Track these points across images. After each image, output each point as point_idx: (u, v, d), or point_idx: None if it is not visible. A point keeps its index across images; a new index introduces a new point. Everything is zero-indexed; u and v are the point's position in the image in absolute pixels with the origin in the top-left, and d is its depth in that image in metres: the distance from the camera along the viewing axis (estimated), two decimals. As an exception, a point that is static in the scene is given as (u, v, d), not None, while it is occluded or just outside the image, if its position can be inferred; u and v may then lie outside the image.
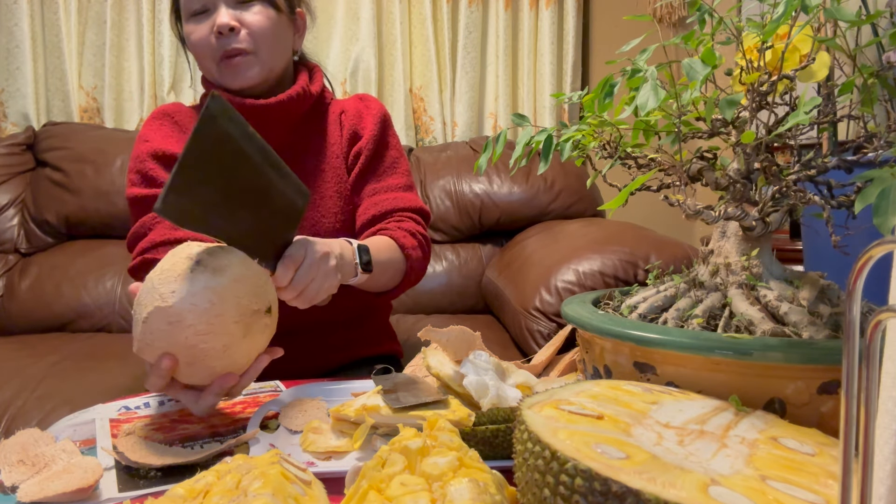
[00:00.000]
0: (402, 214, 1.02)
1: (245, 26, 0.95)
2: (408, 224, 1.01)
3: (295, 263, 0.70)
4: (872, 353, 0.25)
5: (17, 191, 1.91)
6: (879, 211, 0.37)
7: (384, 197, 1.03)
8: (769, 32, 0.47)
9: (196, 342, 0.58)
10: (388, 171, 1.07)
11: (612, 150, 0.59)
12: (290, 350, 1.03)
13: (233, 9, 0.95)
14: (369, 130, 1.06)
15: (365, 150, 1.05)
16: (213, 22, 0.94)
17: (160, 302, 0.58)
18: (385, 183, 1.05)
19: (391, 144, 1.09)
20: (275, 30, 0.98)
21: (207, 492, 0.41)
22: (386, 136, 1.09)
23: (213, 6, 0.95)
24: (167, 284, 0.58)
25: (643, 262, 1.35)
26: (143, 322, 0.58)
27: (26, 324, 1.70)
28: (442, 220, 1.98)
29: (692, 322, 0.51)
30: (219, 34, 0.94)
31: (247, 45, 0.95)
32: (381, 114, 1.09)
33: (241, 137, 0.62)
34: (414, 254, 0.99)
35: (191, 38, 0.96)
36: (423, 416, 0.57)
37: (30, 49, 2.06)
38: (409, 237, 0.99)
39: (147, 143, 1.00)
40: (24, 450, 0.56)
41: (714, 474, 0.33)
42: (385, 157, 1.07)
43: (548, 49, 2.35)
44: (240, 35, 0.95)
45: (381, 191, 1.04)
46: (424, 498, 0.37)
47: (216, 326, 0.58)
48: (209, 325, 0.58)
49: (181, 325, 0.57)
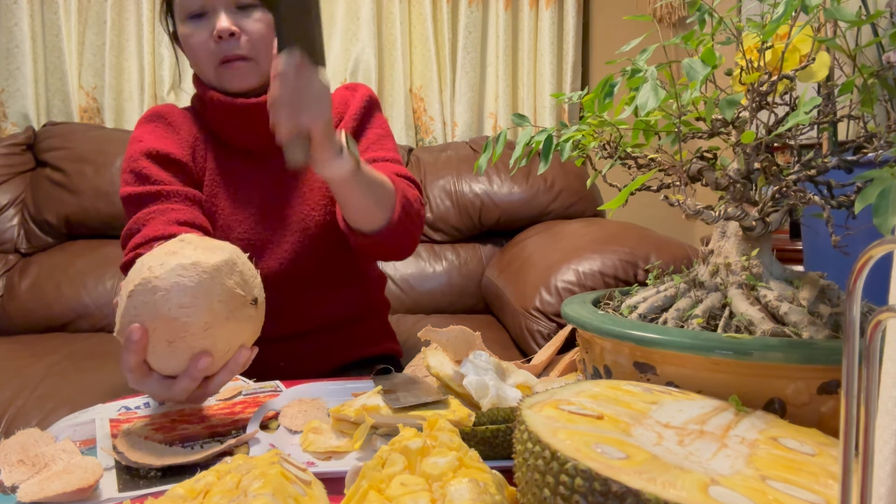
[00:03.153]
0: (393, 178, 0.96)
1: (245, 33, 0.95)
2: (401, 183, 0.95)
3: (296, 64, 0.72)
4: (872, 353, 0.25)
5: (17, 191, 1.91)
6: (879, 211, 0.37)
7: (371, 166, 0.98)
8: (769, 32, 0.47)
9: (178, 315, 0.58)
10: (373, 147, 1.03)
11: (612, 150, 0.59)
12: (291, 350, 1.04)
13: (233, 14, 0.94)
14: (351, 111, 1.05)
15: (346, 127, 1.02)
16: (213, 26, 0.93)
17: (147, 273, 0.58)
18: (369, 156, 1.01)
19: (375, 124, 1.06)
20: (273, 37, 0.98)
21: (207, 492, 0.41)
22: (370, 115, 1.06)
23: (212, 10, 0.94)
24: (156, 258, 0.59)
25: (643, 262, 1.35)
26: (128, 297, 0.58)
27: (26, 324, 1.70)
28: (442, 220, 1.98)
29: (692, 322, 0.51)
30: (219, 38, 0.93)
31: (246, 52, 0.95)
32: (367, 96, 1.07)
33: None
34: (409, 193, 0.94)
35: (188, 40, 0.96)
36: (423, 416, 0.57)
37: (30, 49, 2.06)
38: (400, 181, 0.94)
39: (140, 143, 1.00)
40: (24, 450, 0.56)
41: (714, 474, 0.33)
42: (368, 134, 1.05)
43: (548, 49, 2.35)
44: (240, 41, 0.94)
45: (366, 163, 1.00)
46: (424, 498, 0.37)
47: (200, 300, 0.58)
48: (194, 299, 0.58)
49: (166, 295, 0.57)
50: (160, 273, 0.58)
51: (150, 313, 0.58)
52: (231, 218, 1.01)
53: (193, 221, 0.95)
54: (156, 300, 0.57)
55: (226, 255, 0.61)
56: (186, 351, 0.59)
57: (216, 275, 0.59)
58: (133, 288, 0.58)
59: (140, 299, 0.58)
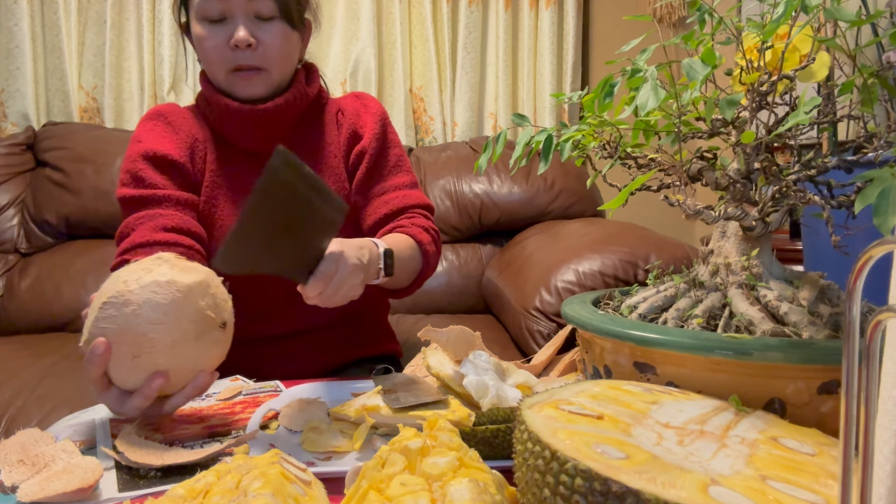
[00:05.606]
0: (413, 211, 1.04)
1: (261, 44, 0.95)
2: (420, 220, 1.02)
3: (326, 280, 0.70)
4: (872, 353, 0.25)
5: (17, 191, 1.91)
6: (879, 211, 0.37)
7: (393, 196, 1.04)
8: (769, 32, 0.47)
9: (147, 330, 0.58)
10: (394, 170, 1.08)
11: (612, 150, 0.59)
12: (291, 350, 1.04)
13: (251, 23, 0.94)
14: (370, 130, 1.06)
15: (369, 150, 1.05)
16: (230, 34, 0.93)
17: (122, 286, 0.59)
18: (392, 182, 1.06)
19: (393, 143, 1.10)
20: (289, 49, 0.98)
21: (207, 492, 0.41)
22: (387, 134, 1.09)
23: (230, 17, 0.94)
24: (131, 273, 0.60)
25: (643, 262, 1.35)
26: (100, 308, 0.59)
27: (26, 324, 1.70)
28: (442, 220, 1.98)
29: (692, 322, 0.51)
30: (235, 47, 0.94)
31: (261, 63, 0.95)
32: (381, 113, 1.10)
33: (298, 181, 0.64)
34: (430, 249, 1.00)
35: (203, 42, 0.96)
36: (423, 416, 0.57)
37: (30, 49, 2.06)
38: (424, 233, 1.00)
39: (139, 144, 1.00)
40: (24, 450, 0.56)
41: (714, 474, 0.33)
42: (389, 156, 1.08)
43: (548, 49, 2.35)
44: (256, 51, 0.95)
45: (390, 189, 1.05)
46: (424, 498, 0.37)
47: (171, 318, 0.59)
48: (164, 316, 0.58)
49: (137, 310, 0.58)
50: (134, 288, 0.58)
51: (119, 326, 0.58)
52: (231, 219, 1.01)
53: (182, 227, 0.95)
54: (127, 314, 0.58)
55: (201, 277, 0.62)
56: (150, 367, 0.60)
57: (189, 294, 0.60)
58: (106, 300, 0.59)
59: (111, 312, 0.58)
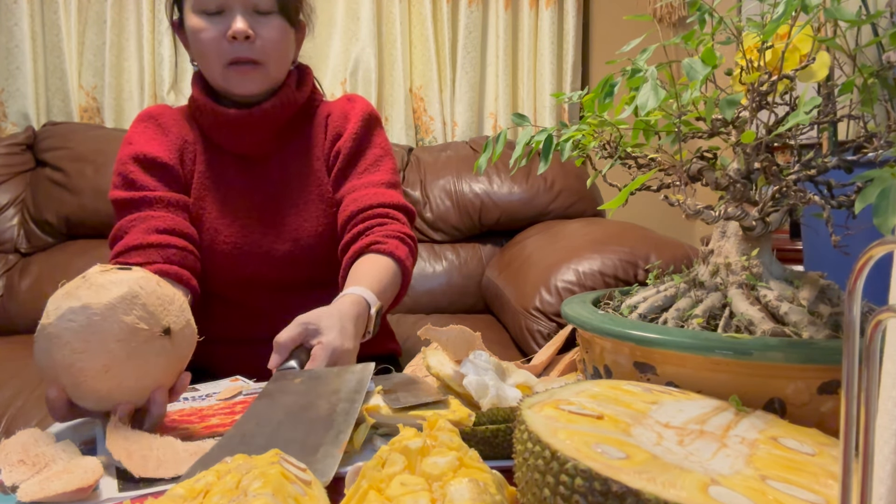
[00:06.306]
0: (384, 210, 0.99)
1: (259, 37, 0.94)
2: (393, 226, 0.97)
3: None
4: (872, 353, 0.25)
5: (17, 191, 1.91)
6: (879, 211, 0.37)
7: (364, 193, 1.00)
8: (769, 32, 0.47)
9: (73, 361, 0.56)
10: (371, 168, 1.03)
11: (612, 150, 0.59)
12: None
13: (249, 16, 0.94)
14: (350, 130, 1.04)
15: (344, 147, 1.03)
16: (227, 25, 0.93)
17: (44, 319, 0.57)
18: (366, 179, 1.02)
19: (375, 143, 1.06)
20: (286, 45, 0.98)
21: (207, 492, 0.41)
22: (370, 134, 1.06)
23: (228, 10, 0.94)
24: (53, 301, 0.58)
25: (643, 262, 1.35)
26: (35, 342, 0.58)
27: (26, 324, 1.70)
28: (442, 220, 1.98)
29: (692, 322, 0.51)
30: (233, 39, 0.93)
31: (258, 57, 0.95)
32: (366, 112, 1.07)
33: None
34: (408, 263, 0.97)
35: (199, 34, 0.95)
36: (423, 416, 0.57)
37: (30, 49, 2.06)
38: (400, 245, 0.96)
39: (130, 146, 1.00)
40: (25, 450, 0.56)
41: (714, 474, 0.33)
42: (367, 155, 1.04)
43: (548, 49, 2.35)
44: (254, 44, 0.94)
45: (361, 187, 1.01)
46: (424, 498, 0.37)
47: (93, 345, 0.56)
48: (86, 343, 0.56)
49: (59, 341, 0.56)
50: (53, 319, 0.57)
51: (49, 360, 0.57)
52: (218, 222, 1.01)
53: (174, 228, 0.95)
54: (51, 348, 0.57)
55: (122, 290, 0.58)
56: (92, 393, 0.58)
57: (109, 314, 0.57)
58: (36, 333, 0.58)
59: (40, 345, 0.58)
